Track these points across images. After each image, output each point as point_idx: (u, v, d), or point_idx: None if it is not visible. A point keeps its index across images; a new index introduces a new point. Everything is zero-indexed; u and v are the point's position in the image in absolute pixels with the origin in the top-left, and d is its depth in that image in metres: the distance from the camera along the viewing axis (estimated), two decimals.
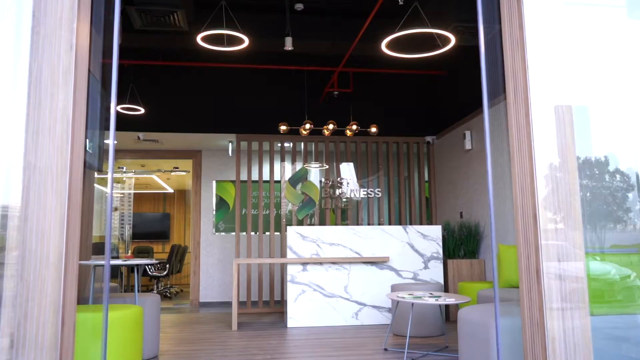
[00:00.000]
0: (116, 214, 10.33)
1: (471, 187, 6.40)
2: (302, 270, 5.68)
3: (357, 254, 5.78)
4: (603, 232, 2.76)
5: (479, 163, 6.20)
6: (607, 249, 2.77)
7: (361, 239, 5.81)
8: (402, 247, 5.85)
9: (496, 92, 5.54)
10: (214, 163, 8.43)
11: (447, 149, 7.18)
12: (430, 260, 5.88)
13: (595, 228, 2.67)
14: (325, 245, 5.75)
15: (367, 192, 7.45)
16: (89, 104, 3.86)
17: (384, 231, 5.85)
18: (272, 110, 7.02)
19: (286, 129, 6.13)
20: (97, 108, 4.38)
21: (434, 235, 5.92)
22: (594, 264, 2.65)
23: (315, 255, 5.72)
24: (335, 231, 5.78)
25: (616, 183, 2.78)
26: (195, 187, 8.36)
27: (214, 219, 8.36)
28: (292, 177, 7.36)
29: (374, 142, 7.60)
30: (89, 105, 4.10)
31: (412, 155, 7.65)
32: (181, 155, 8.39)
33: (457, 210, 6.82)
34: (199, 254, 8.22)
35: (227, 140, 7.78)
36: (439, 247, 5.90)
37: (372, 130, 6.30)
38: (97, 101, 4.43)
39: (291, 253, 5.70)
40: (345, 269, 5.74)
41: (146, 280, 11.10)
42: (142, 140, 7.42)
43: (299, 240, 5.72)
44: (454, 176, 6.92)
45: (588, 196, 2.64)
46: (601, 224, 2.74)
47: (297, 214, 7.30)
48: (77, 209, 2.23)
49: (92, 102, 4.10)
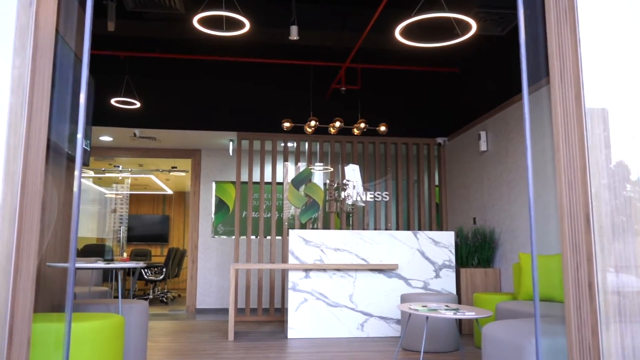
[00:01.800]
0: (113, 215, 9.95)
1: (486, 192, 6.00)
2: (305, 277, 5.29)
3: (363, 260, 5.39)
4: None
5: (495, 165, 5.81)
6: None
7: (368, 244, 5.42)
8: (411, 254, 5.45)
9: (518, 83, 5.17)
10: (214, 163, 8.06)
11: (459, 150, 6.79)
12: (442, 268, 5.48)
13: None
14: (329, 250, 5.36)
15: (374, 196, 7.06)
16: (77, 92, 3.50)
17: (393, 237, 5.46)
18: (275, 107, 6.66)
19: (290, 126, 5.76)
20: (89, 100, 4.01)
21: (446, 242, 5.52)
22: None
23: (319, 262, 5.33)
24: (340, 236, 5.40)
25: None
26: (194, 187, 7.98)
27: (212, 222, 7.98)
28: (295, 179, 6.98)
29: (382, 143, 7.22)
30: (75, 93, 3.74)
31: (422, 157, 7.27)
32: (180, 154, 8.03)
33: (470, 215, 6.42)
34: (196, 257, 7.84)
35: (228, 139, 7.42)
36: (451, 254, 5.50)
37: (381, 129, 5.92)
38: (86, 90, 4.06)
39: (293, 258, 5.32)
40: (350, 276, 5.35)
41: (143, 284, 10.71)
42: (138, 137, 7.05)
43: (302, 245, 5.34)
44: (467, 179, 6.53)
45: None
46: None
47: (300, 218, 6.92)
48: (34, 199, 1.84)
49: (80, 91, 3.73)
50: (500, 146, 5.70)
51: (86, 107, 1.99)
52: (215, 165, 8.06)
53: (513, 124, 5.46)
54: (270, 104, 6.78)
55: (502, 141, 5.68)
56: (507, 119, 5.58)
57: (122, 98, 5.78)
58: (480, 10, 4.18)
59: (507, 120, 5.58)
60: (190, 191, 8.00)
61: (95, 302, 3.60)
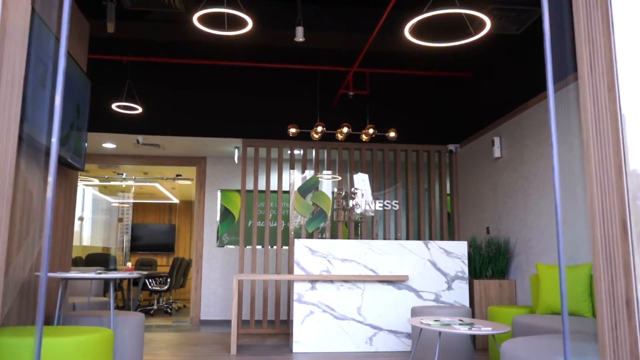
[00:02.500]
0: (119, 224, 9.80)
1: (500, 200, 5.76)
2: (311, 288, 5.07)
3: (372, 271, 5.16)
4: None
5: (510, 173, 5.57)
6: None
7: (377, 255, 5.19)
8: (422, 265, 5.22)
9: (539, 81, 4.92)
10: (219, 171, 7.89)
11: (472, 157, 6.56)
12: (455, 280, 5.24)
13: None
14: (336, 261, 5.14)
15: (384, 205, 6.84)
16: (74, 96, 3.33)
17: (403, 247, 5.24)
18: (281, 113, 6.48)
19: (296, 132, 5.57)
20: (85, 103, 3.86)
21: (459, 252, 5.28)
22: None
23: (326, 272, 5.11)
24: (348, 246, 5.18)
25: None
26: (199, 196, 7.81)
27: (218, 231, 7.79)
28: (302, 187, 6.78)
29: (392, 150, 7.01)
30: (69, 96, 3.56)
31: (433, 164, 7.05)
32: (184, 162, 7.87)
33: (483, 225, 6.18)
34: (200, 267, 7.65)
35: (233, 146, 7.25)
36: (464, 265, 5.26)
37: (390, 135, 5.72)
38: (83, 94, 3.90)
39: (299, 269, 5.10)
40: (358, 288, 5.12)
41: (147, 294, 10.53)
42: (142, 144, 6.90)
43: (308, 255, 5.13)
44: (479, 188, 6.30)
45: None
46: None
47: (307, 227, 6.71)
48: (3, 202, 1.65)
49: (74, 93, 3.57)
50: (515, 152, 5.47)
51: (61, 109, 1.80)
52: (221, 173, 7.89)
53: (529, 129, 5.23)
54: (276, 110, 6.61)
55: (516, 147, 5.45)
56: (522, 124, 5.36)
57: (124, 103, 5.63)
58: (495, 6, 3.98)
59: (522, 126, 5.35)
60: (195, 200, 7.83)
61: (88, 314, 3.41)
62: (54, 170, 1.77)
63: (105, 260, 7.96)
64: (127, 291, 9.14)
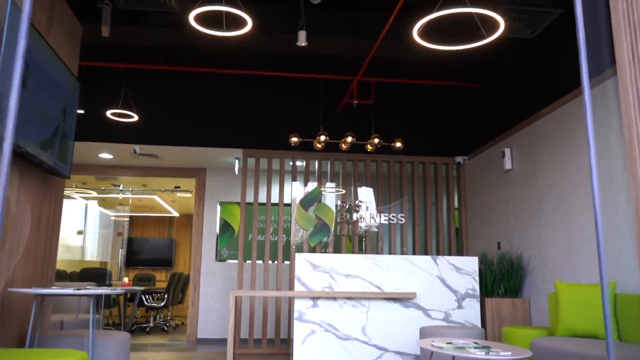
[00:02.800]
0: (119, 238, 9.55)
1: (511, 213, 5.48)
2: (312, 306, 4.78)
3: (377, 288, 4.87)
4: None
5: (522, 185, 5.30)
6: None
7: (383, 270, 4.91)
8: (431, 282, 4.93)
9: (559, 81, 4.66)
10: (219, 183, 7.64)
11: (481, 170, 6.30)
12: (465, 298, 4.94)
13: None
14: (339, 277, 4.86)
15: (389, 218, 6.57)
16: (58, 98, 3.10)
17: (410, 262, 4.95)
18: (283, 122, 6.25)
19: (297, 141, 5.33)
20: (72, 106, 3.62)
21: (469, 269, 4.99)
22: None
23: (328, 289, 4.83)
24: (352, 261, 4.90)
25: None
26: (198, 209, 7.56)
27: (217, 245, 7.52)
28: (304, 199, 6.52)
29: (397, 162, 6.76)
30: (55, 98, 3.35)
31: (440, 177, 6.78)
32: (183, 173, 7.63)
33: (493, 240, 5.89)
34: (198, 283, 7.36)
35: (234, 157, 7.01)
36: (475, 282, 4.97)
37: (396, 145, 5.47)
38: (71, 97, 3.67)
39: (299, 285, 4.82)
40: (363, 305, 4.83)
41: (145, 311, 10.22)
42: (139, 154, 6.67)
43: (309, 270, 4.85)
44: (489, 201, 6.02)
45: None
46: None
47: (309, 241, 6.43)
48: None
49: (61, 95, 3.34)
50: (527, 164, 5.21)
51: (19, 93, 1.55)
52: (221, 185, 7.64)
53: (541, 138, 4.97)
54: (277, 120, 6.38)
55: (529, 159, 5.19)
56: (535, 133, 5.10)
57: (119, 110, 5.41)
58: (509, 7, 3.75)
59: (536, 135, 5.10)
60: (194, 212, 7.57)
61: (69, 334, 3.14)
62: (7, 165, 1.51)
63: (101, 275, 7.68)
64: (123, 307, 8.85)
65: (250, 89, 6.34)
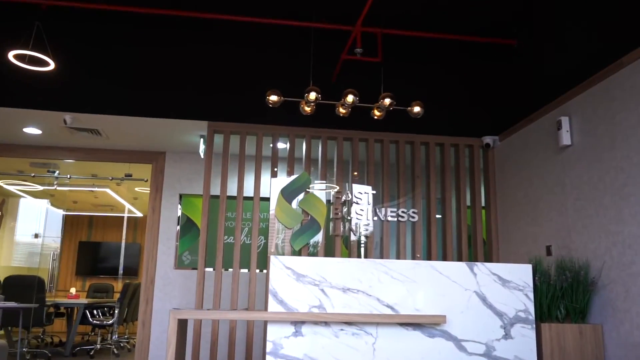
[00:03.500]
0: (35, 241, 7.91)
1: (570, 206, 4.00)
2: (294, 334, 3.24)
3: (389, 308, 3.34)
4: None
5: (587, 165, 3.83)
6: None
7: (397, 282, 3.38)
8: (466, 300, 3.41)
9: None
10: (181, 170, 6.09)
11: (518, 152, 4.82)
12: (515, 323, 3.42)
13: None
14: (334, 291, 3.32)
15: (398, 215, 5.05)
16: None
17: (436, 270, 3.43)
18: (261, 88, 4.68)
19: (278, 100, 3.80)
20: None
21: (520, 281, 3.48)
22: None
23: (318, 309, 3.29)
24: (353, 268, 3.37)
25: None
26: (154, 202, 6.00)
27: (176, 248, 5.95)
28: (288, 188, 4.99)
29: (408, 143, 5.26)
30: None
31: (463, 163, 5.30)
32: (137, 157, 6.07)
33: (538, 243, 4.40)
34: (151, 297, 5.78)
35: (198, 135, 5.48)
36: (528, 301, 3.45)
37: (414, 110, 3.97)
38: None
39: (275, 303, 3.28)
40: (368, 334, 3.29)
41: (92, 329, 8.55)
42: (72, 127, 5.12)
43: (290, 282, 3.31)
44: (533, 191, 4.53)
45: None
46: None
47: (293, 243, 4.89)
48: None
49: None
50: (598, 135, 3.73)
51: None
52: (184, 174, 6.09)
53: (621, 98, 3.51)
54: (254, 83, 4.86)
55: (600, 128, 3.72)
56: (611, 92, 3.63)
57: (29, 51, 3.84)
58: None
59: (611, 95, 3.63)
60: (149, 207, 6.01)
61: None
62: None
63: (28, 286, 6.08)
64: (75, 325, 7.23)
65: (218, 39, 4.80)
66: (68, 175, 6.26)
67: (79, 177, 6.35)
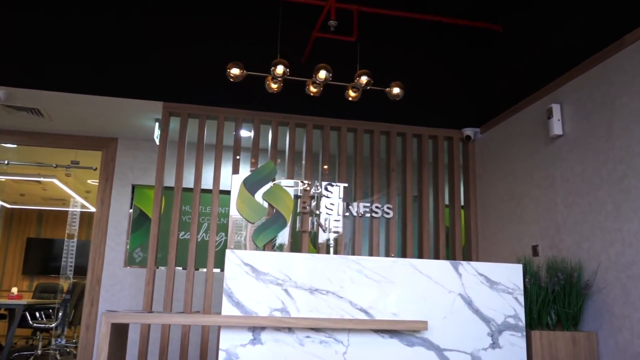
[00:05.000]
0: None
1: (561, 201, 3.65)
2: (252, 341, 2.77)
3: (363, 312, 2.91)
4: None
5: (581, 157, 3.49)
6: None
7: (371, 283, 2.95)
8: (450, 304, 3.00)
9: None
10: (134, 158, 5.55)
11: (502, 145, 4.47)
12: (503, 330, 3.03)
13: None
14: (299, 292, 2.87)
15: (372, 210, 4.64)
16: None
17: (416, 269, 3.01)
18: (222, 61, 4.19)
19: (240, 74, 3.33)
20: None
21: (510, 283, 3.09)
22: None
23: (280, 312, 2.83)
24: (323, 265, 2.92)
25: None
26: (103, 193, 5.43)
27: (127, 244, 5.41)
28: (251, 177, 4.52)
29: (384, 133, 4.86)
30: None
31: (441, 156, 4.93)
32: (86, 143, 5.50)
33: (523, 242, 4.04)
34: (97, 297, 5.22)
35: (153, 119, 4.96)
36: (518, 305, 3.07)
37: (393, 91, 3.55)
38: None
39: (231, 305, 2.80)
40: (338, 342, 2.85)
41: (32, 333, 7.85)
42: (7, 105, 4.53)
43: (249, 280, 2.84)
44: (517, 186, 4.19)
45: None
46: None
47: (255, 239, 4.42)
48: None
49: None
50: (593, 124, 3.39)
51: None
52: (137, 162, 5.55)
53: (621, 81, 3.17)
54: (217, 62, 4.37)
55: (596, 115, 3.38)
56: (610, 75, 3.29)
57: None
58: None
59: (610, 79, 3.29)
60: (97, 198, 5.44)
61: None
62: None
63: None
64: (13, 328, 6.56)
65: (175, 11, 4.30)
66: (6, 161, 5.62)
67: (20, 164, 5.72)
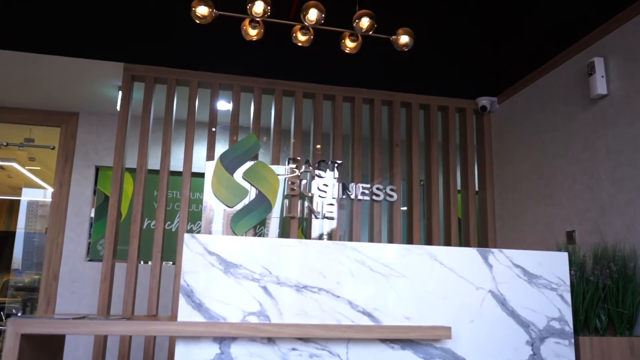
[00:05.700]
0: None
1: (605, 175, 2.98)
2: (218, 356, 2.08)
3: (365, 315, 2.22)
4: None
5: (630, 120, 2.81)
6: None
7: (377, 277, 2.26)
8: (478, 303, 2.32)
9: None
10: (98, 136, 4.83)
11: (525, 113, 3.79)
12: (547, 337, 2.36)
13: None
14: (283, 289, 2.18)
15: (372, 192, 3.95)
16: None
17: (435, 260, 2.33)
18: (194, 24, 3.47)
19: (208, 14, 2.62)
20: None
21: (553, 276, 2.42)
22: None
23: (257, 317, 2.13)
24: (312, 254, 2.23)
25: None
26: (62, 175, 4.72)
27: (90, 235, 4.70)
28: (229, 153, 3.81)
29: (386, 103, 4.17)
30: None
31: (453, 131, 4.25)
32: (42, 118, 4.77)
33: (555, 227, 3.37)
34: (53, 295, 4.51)
35: (116, 87, 4.24)
36: (565, 305, 2.40)
37: (401, 40, 2.86)
38: None
39: (190, 308, 2.10)
40: (334, 355, 2.16)
41: None
42: None
43: (215, 274, 2.14)
44: (545, 162, 3.51)
45: None
46: None
47: (234, 227, 3.72)
48: None
49: None
50: None
51: None
52: (101, 140, 4.83)
53: None
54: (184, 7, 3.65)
55: None
56: None
57: None
58: None
59: None
60: (55, 182, 4.72)
61: None
62: None
63: None
64: None
65: None
66: None
67: None
